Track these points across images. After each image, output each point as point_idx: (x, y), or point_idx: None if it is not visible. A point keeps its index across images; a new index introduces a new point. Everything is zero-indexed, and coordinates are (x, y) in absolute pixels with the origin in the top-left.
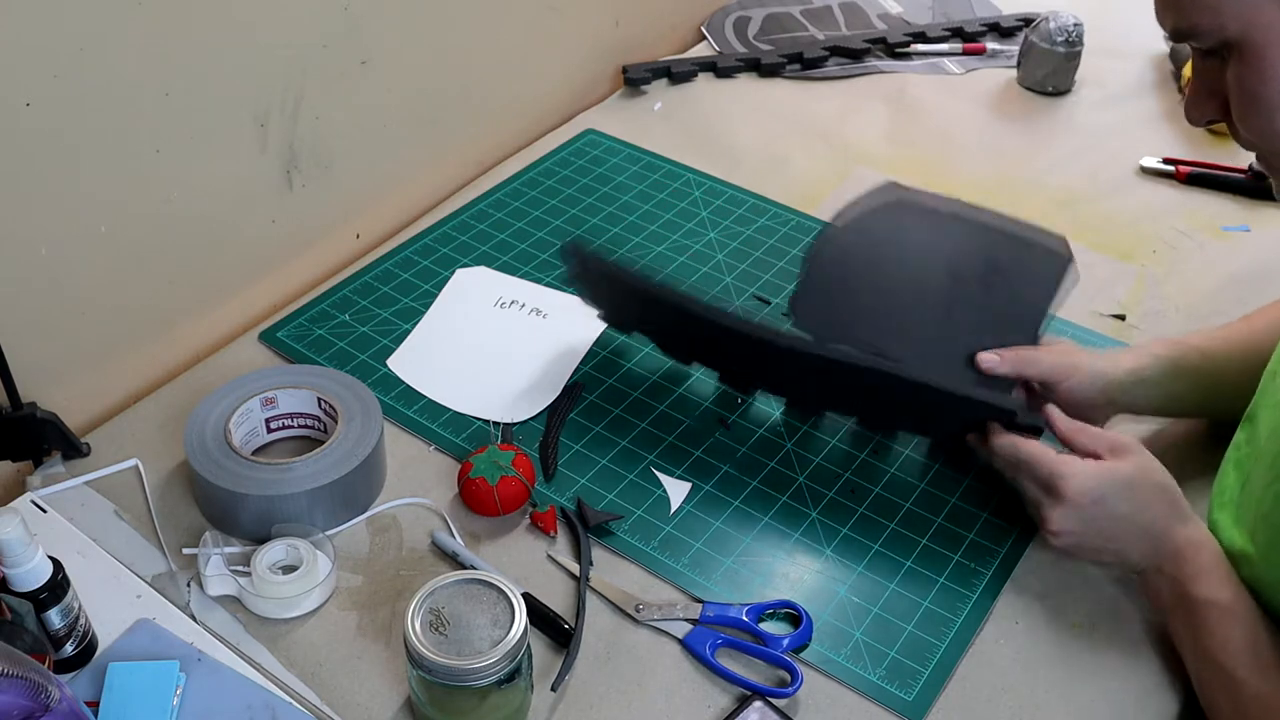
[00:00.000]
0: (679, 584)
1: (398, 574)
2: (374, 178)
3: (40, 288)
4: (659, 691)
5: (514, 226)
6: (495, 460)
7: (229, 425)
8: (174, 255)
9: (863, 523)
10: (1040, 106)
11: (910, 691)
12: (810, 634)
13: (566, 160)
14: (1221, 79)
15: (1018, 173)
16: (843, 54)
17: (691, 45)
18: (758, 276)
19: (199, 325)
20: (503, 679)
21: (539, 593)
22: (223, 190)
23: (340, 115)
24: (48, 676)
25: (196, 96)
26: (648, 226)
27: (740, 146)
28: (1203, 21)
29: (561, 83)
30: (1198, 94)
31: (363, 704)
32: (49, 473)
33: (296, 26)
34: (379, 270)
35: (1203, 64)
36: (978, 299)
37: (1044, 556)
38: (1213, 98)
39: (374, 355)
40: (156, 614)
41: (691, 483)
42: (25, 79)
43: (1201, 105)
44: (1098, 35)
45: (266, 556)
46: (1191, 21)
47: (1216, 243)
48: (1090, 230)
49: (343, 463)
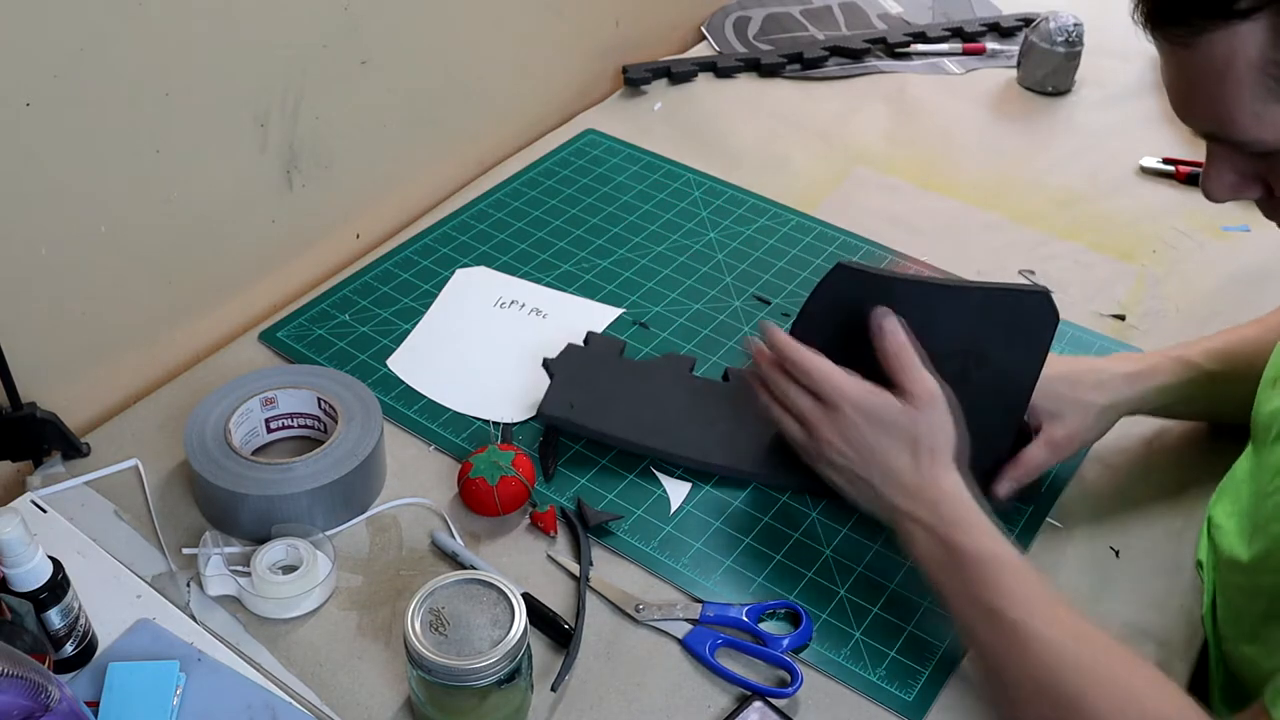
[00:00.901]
0: (679, 584)
1: (398, 574)
2: (374, 178)
3: (40, 288)
4: (659, 691)
5: (514, 226)
6: (495, 460)
7: (229, 425)
8: (174, 255)
9: (863, 523)
10: (1040, 106)
11: (910, 691)
12: (810, 634)
13: (566, 160)
14: (1249, 164)
15: (1018, 173)
16: (843, 54)
17: (691, 45)
18: (758, 276)
19: (199, 325)
20: (503, 679)
21: (539, 593)
22: (223, 190)
23: (340, 115)
24: (48, 676)
25: (196, 96)
26: (648, 226)
27: (740, 146)
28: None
29: (561, 83)
30: (1221, 175)
31: (363, 704)
32: (49, 473)
33: (296, 26)
34: (379, 270)
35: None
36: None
37: (1044, 557)
38: (1243, 181)
39: (374, 355)
40: (156, 614)
41: (691, 483)
42: (25, 79)
43: (1228, 187)
44: (1098, 35)
45: (266, 556)
46: (1228, 132)
47: (1216, 243)
48: (1090, 230)
49: (343, 463)
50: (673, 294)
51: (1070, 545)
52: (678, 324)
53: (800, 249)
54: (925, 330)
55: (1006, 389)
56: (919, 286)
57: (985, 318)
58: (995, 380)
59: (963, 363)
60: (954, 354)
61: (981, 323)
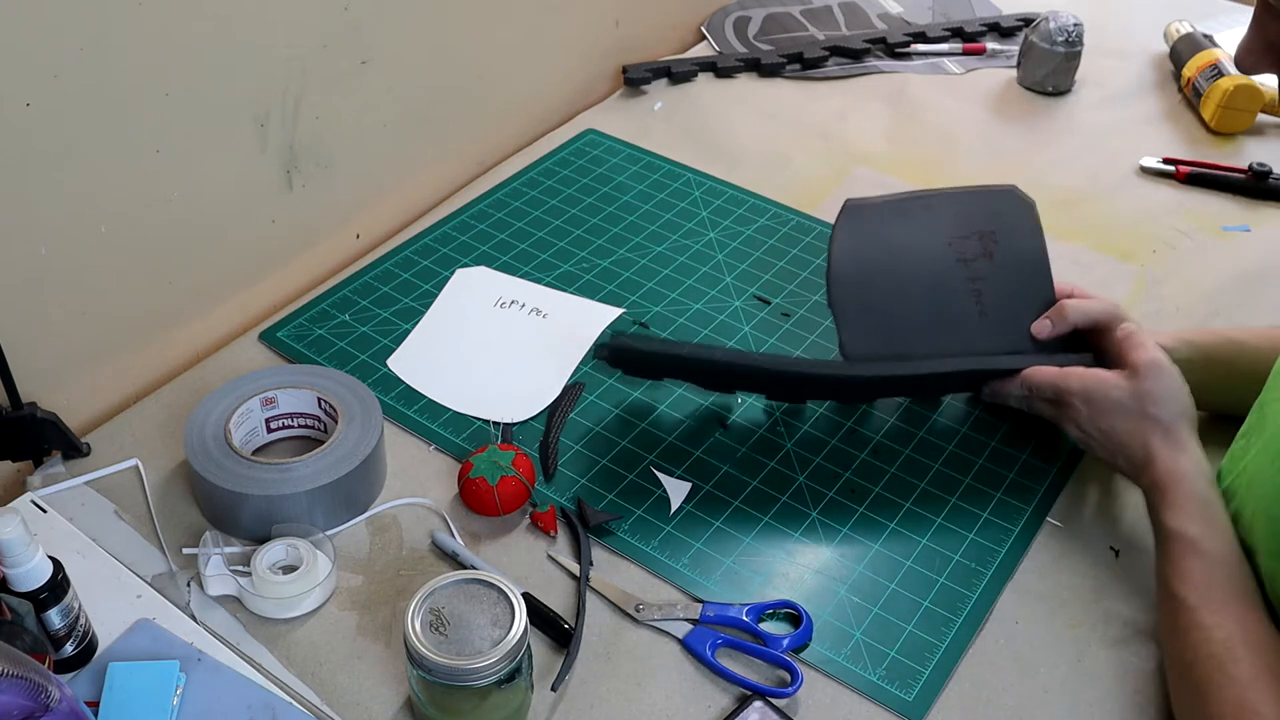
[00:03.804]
0: (679, 584)
1: (398, 574)
2: (374, 178)
3: (40, 288)
4: (659, 691)
5: (514, 226)
6: (495, 460)
7: (229, 425)
8: (174, 255)
9: (863, 523)
10: (1040, 106)
11: (910, 691)
12: (810, 634)
13: (566, 160)
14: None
15: (1018, 173)
16: (843, 54)
17: (691, 45)
18: (758, 276)
19: (199, 325)
20: (503, 679)
21: (539, 593)
22: (223, 190)
23: (340, 115)
24: (48, 676)
25: (196, 96)
26: (648, 226)
27: (740, 146)
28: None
29: (561, 83)
30: (1256, 46)
31: (363, 704)
32: (49, 473)
33: (296, 26)
34: (379, 270)
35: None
36: (989, 270)
37: (1044, 556)
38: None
39: (374, 355)
40: (156, 614)
41: (691, 483)
42: (25, 79)
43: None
44: (1098, 35)
45: (266, 556)
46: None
47: (1216, 243)
48: (1090, 230)
49: (343, 463)
50: (673, 294)
51: (1070, 545)
52: (678, 324)
53: (800, 249)
54: (942, 225)
55: (1025, 262)
56: (920, 199)
57: (980, 207)
58: (1014, 256)
59: (981, 241)
60: (971, 234)
61: (979, 212)
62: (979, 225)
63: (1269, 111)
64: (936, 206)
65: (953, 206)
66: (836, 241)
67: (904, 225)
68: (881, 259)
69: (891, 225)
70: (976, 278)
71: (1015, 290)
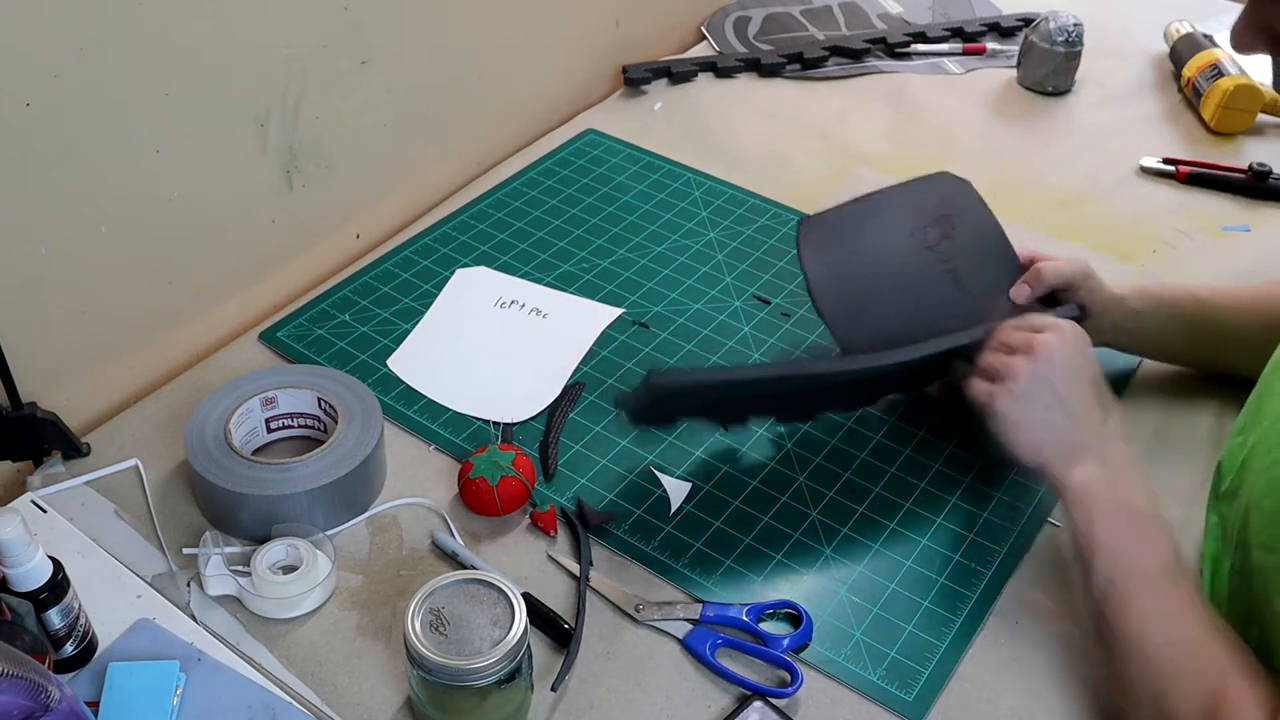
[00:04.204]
0: (679, 584)
1: (398, 574)
2: (374, 178)
3: (40, 288)
4: (659, 691)
5: (514, 226)
6: (495, 460)
7: (229, 425)
8: (174, 255)
9: (863, 523)
10: (1040, 106)
11: (910, 691)
12: (810, 634)
13: (566, 160)
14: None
15: (1018, 173)
16: (843, 54)
17: (691, 45)
18: (758, 276)
19: (199, 325)
20: (503, 679)
21: (539, 593)
22: (223, 190)
23: (340, 115)
24: (48, 676)
25: (196, 96)
26: (648, 226)
27: (740, 146)
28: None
29: (561, 83)
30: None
31: (363, 704)
32: (49, 473)
33: (296, 26)
34: (379, 270)
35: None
36: (953, 250)
37: (1044, 557)
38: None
39: (374, 355)
40: (156, 614)
41: (691, 483)
42: (25, 79)
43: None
44: (1098, 35)
45: (266, 556)
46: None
47: (1216, 243)
48: (1090, 230)
49: (343, 463)
50: (673, 294)
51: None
52: (678, 324)
53: None
54: (898, 220)
55: (984, 237)
56: (866, 201)
57: (926, 196)
58: (973, 233)
59: (939, 224)
60: (928, 222)
61: (927, 200)
62: (932, 211)
63: (1269, 111)
64: (886, 204)
65: (901, 200)
66: (806, 258)
67: (863, 227)
68: (855, 264)
69: (852, 230)
70: (945, 259)
71: (984, 263)
